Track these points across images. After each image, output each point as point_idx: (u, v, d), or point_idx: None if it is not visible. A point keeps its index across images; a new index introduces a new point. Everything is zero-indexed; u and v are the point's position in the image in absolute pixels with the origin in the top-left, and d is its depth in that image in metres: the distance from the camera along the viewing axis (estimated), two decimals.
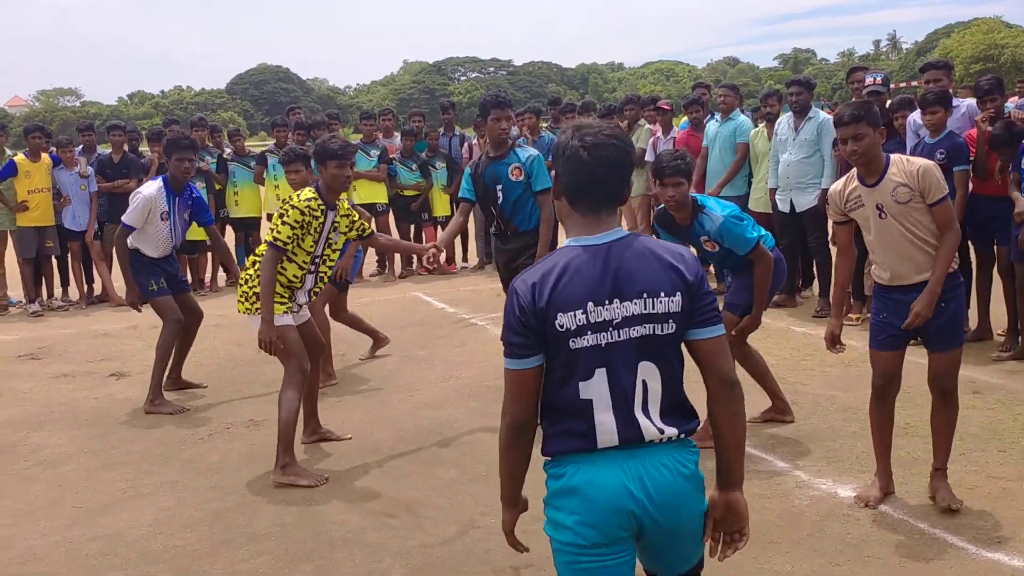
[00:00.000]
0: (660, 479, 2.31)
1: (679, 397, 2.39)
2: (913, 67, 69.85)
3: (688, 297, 2.32)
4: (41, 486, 5.11)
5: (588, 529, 2.32)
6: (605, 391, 2.31)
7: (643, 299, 2.29)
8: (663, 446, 2.34)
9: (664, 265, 2.32)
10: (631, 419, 2.32)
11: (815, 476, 4.73)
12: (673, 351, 2.36)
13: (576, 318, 2.28)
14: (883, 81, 7.72)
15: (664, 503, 2.31)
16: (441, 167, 11.61)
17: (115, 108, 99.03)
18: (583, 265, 2.31)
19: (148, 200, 6.32)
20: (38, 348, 8.39)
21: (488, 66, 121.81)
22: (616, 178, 2.36)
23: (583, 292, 2.28)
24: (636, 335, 2.30)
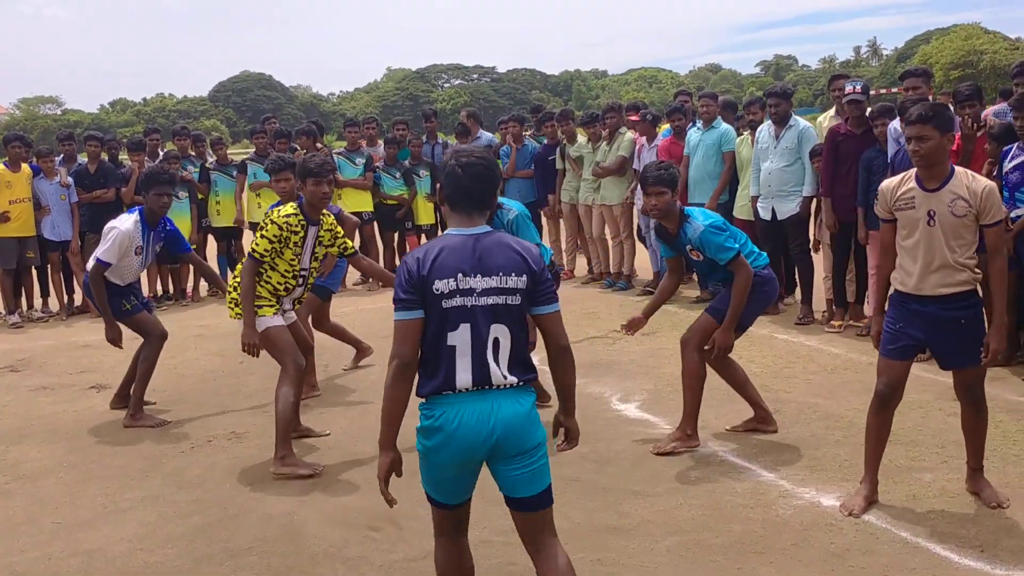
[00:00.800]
0: (505, 415, 3.00)
1: (523, 355, 3.09)
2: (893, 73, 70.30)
3: (531, 280, 3.04)
4: (20, 501, 5.06)
5: (447, 454, 3.04)
6: (467, 340, 2.99)
7: (499, 276, 3.01)
8: (507, 391, 3.03)
9: (515, 253, 3.06)
10: (484, 366, 3.00)
11: (798, 485, 4.73)
12: (519, 318, 3.06)
13: (448, 284, 2.98)
14: (863, 89, 7.75)
15: (507, 434, 3.00)
16: (425, 175, 11.58)
17: (96, 116, 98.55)
18: (457, 247, 3.04)
19: (124, 235, 6.19)
20: (17, 360, 8.31)
21: (472, 73, 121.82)
22: (482, 188, 3.10)
23: (455, 265, 2.99)
24: (491, 302, 2.99)
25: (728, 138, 9.24)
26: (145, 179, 6.48)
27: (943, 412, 5.61)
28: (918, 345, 4.34)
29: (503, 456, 3.05)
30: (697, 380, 5.32)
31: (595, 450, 5.36)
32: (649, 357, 7.30)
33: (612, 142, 10.28)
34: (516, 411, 3.03)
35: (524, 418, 3.04)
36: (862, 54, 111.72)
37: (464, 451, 3.03)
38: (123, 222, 6.29)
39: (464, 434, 3.00)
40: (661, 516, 4.44)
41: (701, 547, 4.10)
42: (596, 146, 10.44)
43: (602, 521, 4.44)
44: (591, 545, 4.19)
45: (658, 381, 6.63)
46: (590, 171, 10.47)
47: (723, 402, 6.01)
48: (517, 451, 3.04)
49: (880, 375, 4.40)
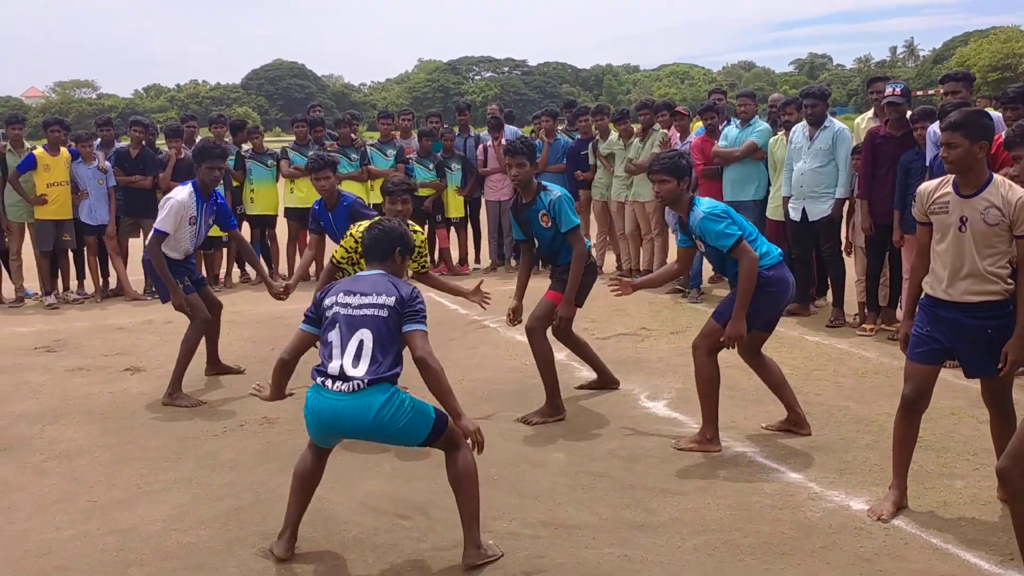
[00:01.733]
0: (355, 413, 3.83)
1: (382, 360, 3.87)
2: (930, 74, 69.63)
3: (399, 301, 3.94)
4: (56, 480, 5.15)
5: (313, 431, 4.05)
6: (337, 340, 3.93)
7: (371, 295, 3.98)
8: (365, 390, 3.83)
9: (388, 281, 4.05)
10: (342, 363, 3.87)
11: (827, 488, 4.72)
12: (386, 329, 3.92)
13: (332, 300, 4.03)
14: (903, 92, 7.69)
15: (355, 425, 3.87)
16: (456, 168, 11.62)
17: (131, 101, 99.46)
18: (351, 281, 4.16)
19: (181, 205, 6.47)
20: (54, 341, 8.44)
21: (503, 66, 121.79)
22: (377, 246, 4.22)
23: (340, 288, 4.07)
24: (360, 313, 3.94)
25: (758, 130, 9.22)
26: (198, 152, 6.76)
27: (975, 419, 5.58)
28: (945, 350, 4.32)
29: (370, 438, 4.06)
30: (710, 384, 5.32)
31: (623, 446, 5.38)
32: (678, 355, 7.29)
33: (645, 139, 10.27)
34: (364, 412, 3.83)
35: (374, 416, 3.83)
36: (898, 54, 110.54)
37: (321, 430, 4.00)
38: (178, 192, 6.57)
39: (320, 423, 3.95)
40: (689, 515, 4.45)
41: (728, 547, 4.11)
42: (628, 143, 10.43)
43: (629, 517, 4.46)
44: (618, 540, 4.21)
45: (687, 380, 6.60)
46: (622, 168, 10.47)
47: (752, 403, 6.01)
48: (381, 435, 3.95)
49: (907, 379, 4.39)
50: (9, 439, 5.82)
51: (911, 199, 7.17)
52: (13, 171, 9.93)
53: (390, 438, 3.97)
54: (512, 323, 6.24)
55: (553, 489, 4.79)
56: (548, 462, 5.21)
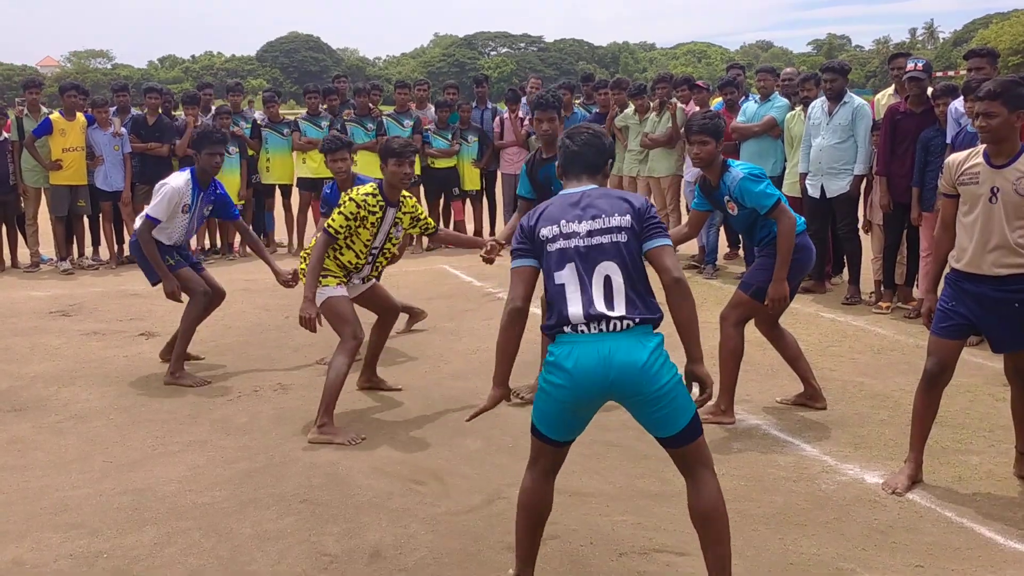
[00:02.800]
0: (619, 360, 3.06)
1: (639, 293, 3.15)
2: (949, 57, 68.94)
3: (636, 218, 3.20)
4: (72, 440, 5.18)
5: (564, 393, 3.14)
6: (574, 279, 3.16)
7: (601, 218, 3.20)
8: (625, 333, 3.10)
9: (618, 198, 3.28)
10: (590, 303, 3.11)
11: (842, 461, 4.71)
12: (629, 256, 3.17)
13: (552, 230, 3.23)
14: (924, 67, 7.60)
15: (624, 380, 3.07)
16: (473, 141, 11.58)
17: (146, 71, 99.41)
18: (563, 201, 3.32)
19: (175, 192, 6.15)
20: (69, 305, 8.48)
21: (519, 42, 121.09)
22: (589, 151, 3.39)
23: (558, 215, 3.25)
24: (595, 242, 3.18)
25: (776, 105, 9.16)
26: (198, 138, 6.43)
27: (992, 397, 5.55)
28: (970, 325, 4.28)
29: (627, 400, 3.16)
30: (733, 355, 5.30)
31: None
32: None
33: (662, 113, 10.20)
34: (635, 355, 3.07)
35: (641, 365, 3.07)
36: (918, 36, 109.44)
37: (579, 393, 3.13)
38: (175, 179, 6.27)
39: (580, 377, 3.10)
40: None
41: (742, 517, 4.10)
42: (644, 117, 10.37)
43: (644, 487, 4.46)
44: (633, 509, 4.21)
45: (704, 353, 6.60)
46: (636, 142, 10.40)
47: (767, 376, 6.00)
48: (639, 396, 3.11)
49: (930, 354, 4.35)
50: (26, 399, 5.86)
51: (930, 176, 7.13)
52: (29, 135, 9.96)
53: (649, 401, 3.10)
54: (489, 255, 5.55)
55: (568, 458, 4.76)
56: None
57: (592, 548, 3.88)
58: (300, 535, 4.00)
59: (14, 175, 10.09)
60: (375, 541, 3.93)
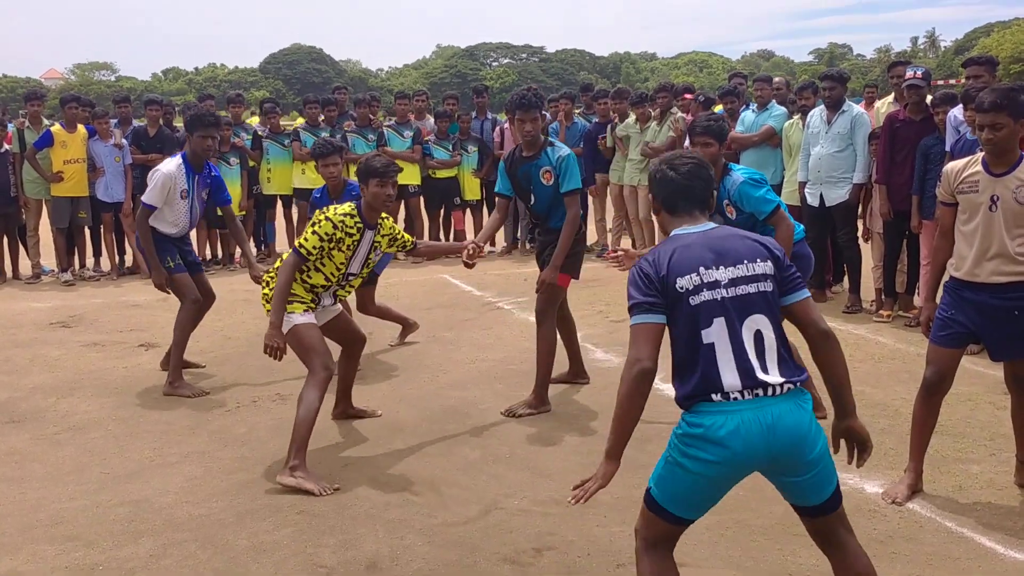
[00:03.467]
0: (786, 425, 2.73)
1: (788, 351, 2.85)
2: (951, 66, 68.95)
3: (776, 266, 2.87)
4: (69, 451, 5.17)
5: (714, 469, 2.74)
6: (724, 336, 2.76)
7: (743, 264, 2.83)
8: (785, 396, 2.77)
9: (753, 241, 2.91)
10: (748, 364, 2.76)
11: (841, 471, 4.56)
12: (776, 308, 2.84)
13: (692, 279, 2.81)
14: (923, 75, 7.60)
15: (789, 447, 2.74)
16: (473, 151, 11.60)
17: (149, 84, 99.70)
18: (691, 243, 2.89)
19: (167, 177, 6.07)
20: (69, 316, 8.48)
21: (520, 52, 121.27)
22: (698, 184, 3.01)
23: (694, 260, 2.83)
24: (741, 292, 2.80)
25: (774, 114, 9.15)
26: (190, 120, 6.29)
27: (992, 405, 5.52)
28: (969, 334, 4.26)
29: (781, 470, 2.82)
30: None
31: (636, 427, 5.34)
32: None
33: (663, 122, 10.20)
34: (798, 420, 2.76)
35: (806, 427, 2.77)
36: (919, 45, 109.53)
37: (735, 468, 2.76)
38: (166, 165, 6.19)
39: (740, 449, 2.71)
40: None
41: (741, 527, 4.08)
42: (645, 126, 10.37)
43: (641, 497, 4.42)
44: (629, 519, 4.15)
45: None
46: (636, 151, 10.41)
47: None
48: (797, 464, 2.79)
49: (929, 363, 4.33)
50: (24, 411, 5.86)
51: (930, 184, 7.12)
52: (30, 147, 9.98)
53: (804, 468, 2.80)
54: (470, 259, 5.53)
55: (565, 468, 4.77)
56: (561, 442, 5.19)
57: (589, 559, 3.86)
58: (296, 547, 3.98)
59: (15, 187, 10.11)
60: (371, 552, 3.92)
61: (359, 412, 5.64)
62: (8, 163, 10.08)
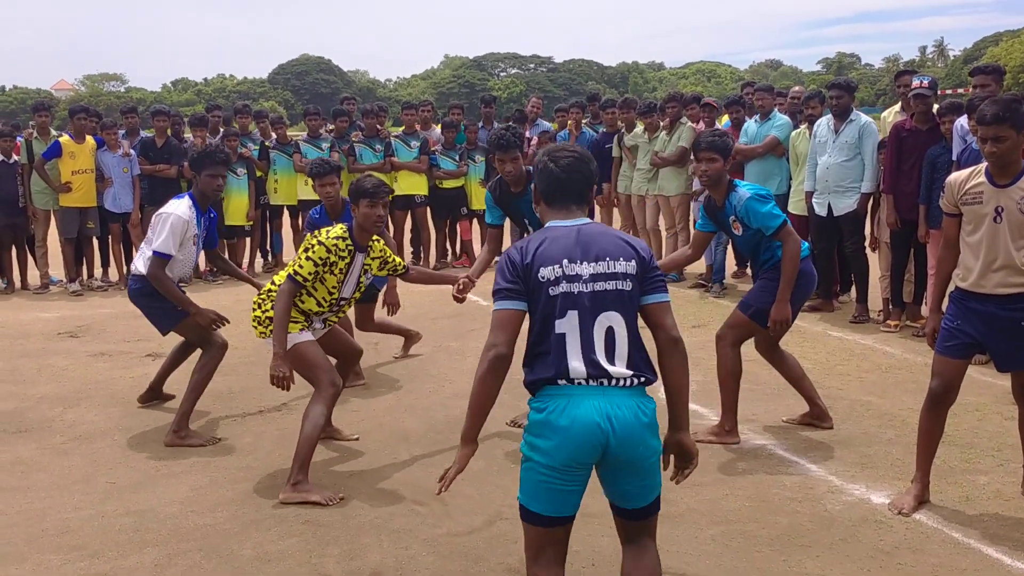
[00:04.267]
0: (623, 417, 2.79)
1: (640, 350, 2.89)
2: (960, 75, 68.81)
3: (641, 265, 2.91)
4: (76, 461, 5.18)
5: (557, 454, 2.80)
6: (576, 328, 2.83)
7: (606, 261, 2.87)
8: (627, 390, 2.83)
9: (621, 240, 2.95)
10: (594, 355, 2.83)
11: (848, 481, 4.67)
12: (632, 308, 2.89)
13: (554, 271, 2.86)
14: (930, 84, 7.58)
15: (624, 439, 2.78)
16: (480, 161, 11.61)
17: (158, 94, 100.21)
18: (560, 236, 2.93)
19: (181, 222, 5.48)
20: (77, 327, 8.51)
21: (528, 62, 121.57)
22: (576, 180, 3.03)
23: (560, 253, 2.88)
24: (599, 288, 2.85)
25: (777, 124, 9.15)
26: (199, 158, 5.73)
27: (1000, 416, 5.50)
28: (975, 344, 4.24)
29: (614, 464, 2.85)
30: (732, 376, 5.27)
31: None
32: (699, 349, 7.21)
33: (672, 132, 10.20)
34: (637, 416, 2.81)
35: (645, 425, 2.83)
36: (928, 54, 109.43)
37: (574, 453, 2.78)
38: (177, 208, 5.54)
39: (577, 434, 2.77)
40: (707, 505, 4.42)
41: (746, 537, 4.07)
42: (654, 136, 10.38)
43: None
44: None
45: (708, 373, 6.55)
46: (645, 161, 10.41)
47: (773, 396, 5.96)
48: (630, 462, 2.84)
49: (934, 373, 4.32)
50: (31, 421, 5.88)
51: (937, 194, 7.09)
52: (39, 158, 10.04)
53: (633, 469, 2.87)
54: (460, 294, 5.42)
55: None
56: None
57: (595, 570, 3.85)
58: (301, 556, 3.98)
59: (23, 197, 10.17)
60: (376, 562, 3.91)
61: (337, 432, 5.46)
62: (16, 174, 10.14)
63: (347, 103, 12.44)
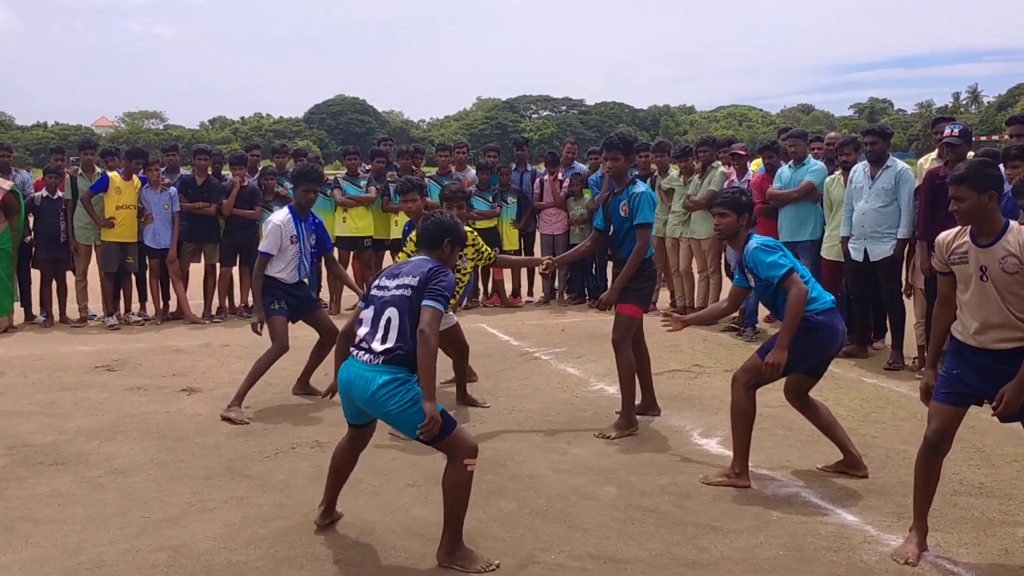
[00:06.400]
0: (359, 383, 4.22)
1: (405, 340, 4.17)
2: (994, 121, 68.46)
3: (423, 281, 4.25)
4: (111, 495, 5.23)
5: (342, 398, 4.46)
6: (369, 317, 4.34)
7: (405, 277, 4.33)
8: (377, 365, 4.19)
9: (423, 264, 4.37)
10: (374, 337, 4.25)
11: (884, 531, 4.61)
12: (410, 309, 4.22)
13: (376, 282, 4.47)
14: (961, 133, 7.56)
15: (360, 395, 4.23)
16: (512, 202, 11.71)
17: (196, 132, 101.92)
18: (394, 266, 4.60)
19: (279, 227, 6.86)
20: (113, 360, 8.61)
21: (560, 105, 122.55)
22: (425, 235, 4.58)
23: (384, 272, 4.52)
24: (391, 294, 4.31)
25: (812, 169, 9.14)
26: (296, 175, 7.33)
27: None
28: (973, 394, 4.23)
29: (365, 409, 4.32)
30: (744, 418, 5.27)
31: (675, 483, 5.31)
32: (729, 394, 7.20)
33: (704, 176, 10.24)
34: (367, 384, 4.17)
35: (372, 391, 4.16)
36: (961, 100, 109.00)
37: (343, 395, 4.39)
38: (276, 215, 7.03)
39: (340, 385, 4.37)
40: (741, 553, 4.38)
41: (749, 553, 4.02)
42: (688, 179, 10.42)
43: (680, 554, 4.39)
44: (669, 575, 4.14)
45: None
46: (680, 204, 10.45)
47: (807, 443, 5.91)
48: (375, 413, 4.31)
49: (930, 420, 4.30)
50: (68, 454, 5.94)
51: None
52: (86, 191, 10.25)
53: (388, 419, 4.26)
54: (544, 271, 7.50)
55: (602, 523, 4.74)
56: (598, 495, 5.16)
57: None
58: None
59: (65, 232, 10.37)
60: None
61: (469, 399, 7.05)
62: (60, 209, 10.36)
63: (384, 144, 12.61)
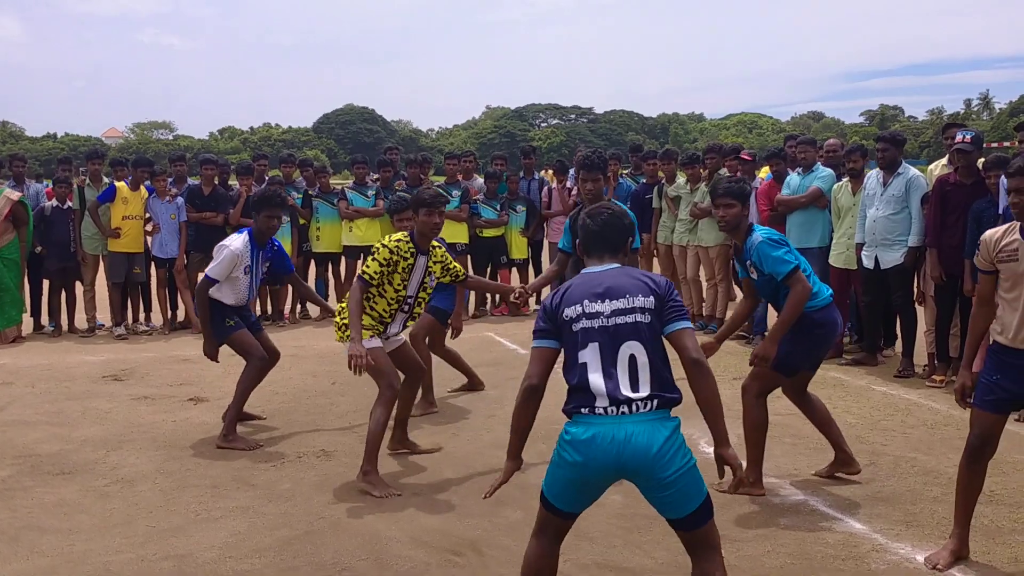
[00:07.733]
0: (637, 444, 3.15)
1: (661, 375, 3.25)
2: (1006, 127, 68.14)
3: (658, 300, 3.31)
4: (117, 504, 5.23)
5: (574, 471, 3.26)
6: (597, 358, 3.25)
7: (624, 298, 3.30)
8: (643, 415, 3.18)
9: (639, 279, 3.38)
10: (615, 383, 3.21)
11: (892, 540, 4.57)
12: (653, 338, 3.28)
13: (575, 310, 3.33)
14: (972, 139, 7.52)
15: (638, 465, 3.16)
16: (521, 210, 11.72)
17: (206, 142, 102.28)
18: (585, 280, 3.43)
19: (234, 255, 6.35)
20: (121, 370, 8.63)
21: (569, 113, 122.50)
22: (609, 231, 3.51)
23: (581, 295, 3.35)
24: (619, 322, 3.28)
25: (820, 176, 9.10)
26: (257, 200, 6.62)
27: None
28: (1013, 399, 4.19)
29: (641, 484, 3.25)
30: (756, 427, 5.23)
31: None
32: (739, 401, 7.14)
33: (711, 183, 10.21)
34: (651, 441, 3.15)
35: (658, 448, 3.15)
36: (973, 106, 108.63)
37: (592, 471, 3.23)
38: (233, 241, 6.45)
39: (593, 455, 3.20)
40: (748, 562, 4.34)
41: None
42: (695, 187, 10.40)
43: (685, 562, 4.28)
44: None
45: None
46: (686, 211, 10.43)
47: (815, 451, 5.87)
48: (649, 480, 3.19)
49: (972, 426, 4.27)
50: (74, 463, 5.94)
51: None
52: (93, 201, 10.31)
53: (659, 486, 3.19)
54: (518, 299, 6.06)
55: (608, 531, 4.72)
56: (604, 503, 5.09)
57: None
58: None
59: (74, 242, 10.41)
60: None
61: (415, 446, 6.11)
62: (69, 220, 10.41)
63: (391, 153, 12.64)
